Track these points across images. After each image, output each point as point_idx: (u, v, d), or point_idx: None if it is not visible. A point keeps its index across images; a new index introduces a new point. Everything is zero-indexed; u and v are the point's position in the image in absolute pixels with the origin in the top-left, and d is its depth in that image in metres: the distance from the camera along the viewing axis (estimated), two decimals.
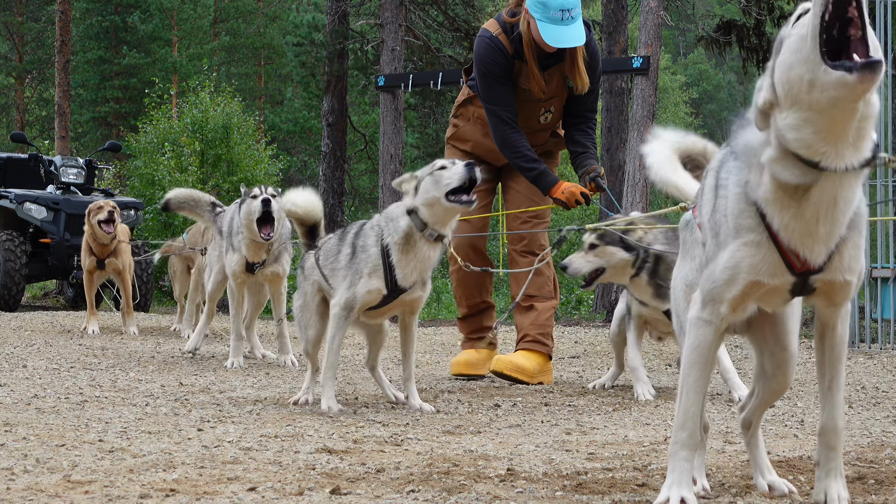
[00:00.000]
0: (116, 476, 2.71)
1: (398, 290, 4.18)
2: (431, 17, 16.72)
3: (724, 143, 2.42)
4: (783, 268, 2.18)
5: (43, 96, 32.60)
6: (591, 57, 5.22)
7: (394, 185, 4.29)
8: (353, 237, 4.27)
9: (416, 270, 4.16)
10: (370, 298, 4.18)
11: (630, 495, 2.56)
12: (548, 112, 5.34)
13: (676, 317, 2.58)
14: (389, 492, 2.57)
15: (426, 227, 4.10)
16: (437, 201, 4.07)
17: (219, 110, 20.08)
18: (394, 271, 4.14)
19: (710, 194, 2.33)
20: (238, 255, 6.06)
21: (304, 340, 4.55)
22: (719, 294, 2.24)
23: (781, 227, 2.14)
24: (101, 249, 8.56)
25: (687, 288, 2.52)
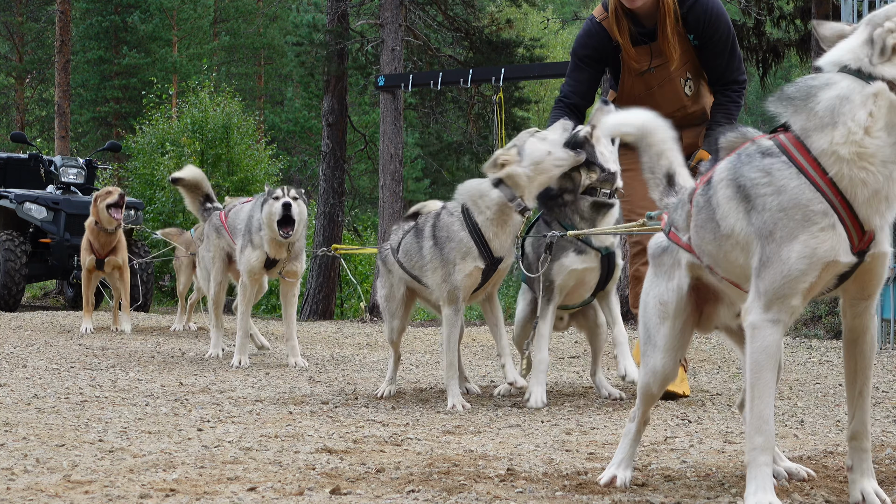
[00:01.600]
0: (116, 476, 2.71)
1: (496, 262, 4.30)
2: (431, 17, 16.72)
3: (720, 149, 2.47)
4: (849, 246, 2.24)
5: (43, 96, 32.59)
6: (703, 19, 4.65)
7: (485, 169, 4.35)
8: (432, 230, 4.37)
9: (510, 238, 4.32)
10: (472, 280, 4.30)
11: (630, 495, 2.56)
12: (688, 80, 4.81)
13: (646, 330, 2.66)
14: (389, 492, 2.57)
15: (515, 198, 4.24)
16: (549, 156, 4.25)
17: (219, 110, 20.08)
18: (488, 244, 4.26)
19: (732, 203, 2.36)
20: (259, 252, 6.10)
21: (390, 329, 4.69)
22: (792, 287, 2.26)
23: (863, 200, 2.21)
24: (102, 246, 8.53)
25: (661, 306, 2.61)
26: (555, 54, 30.66)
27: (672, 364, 2.61)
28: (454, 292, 4.29)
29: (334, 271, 15.36)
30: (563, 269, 4.44)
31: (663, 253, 2.67)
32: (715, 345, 7.99)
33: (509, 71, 12.18)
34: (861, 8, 8.10)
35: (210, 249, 6.71)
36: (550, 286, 4.46)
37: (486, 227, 4.26)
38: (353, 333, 9.24)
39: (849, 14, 8.03)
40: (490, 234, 4.26)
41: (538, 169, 4.26)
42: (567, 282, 4.47)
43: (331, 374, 5.77)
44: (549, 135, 4.32)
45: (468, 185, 4.36)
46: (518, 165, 4.25)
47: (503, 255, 4.33)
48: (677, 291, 2.59)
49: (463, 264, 4.26)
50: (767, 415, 2.32)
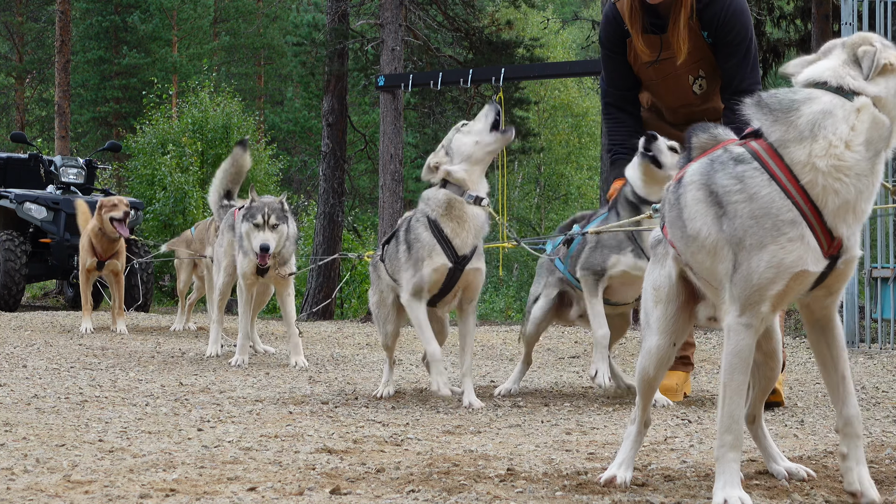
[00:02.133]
0: (116, 476, 2.71)
1: (461, 261, 4.34)
2: (431, 17, 16.71)
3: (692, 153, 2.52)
4: (821, 253, 2.29)
5: (43, 96, 32.59)
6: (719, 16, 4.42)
7: (423, 177, 4.47)
8: (405, 234, 4.46)
9: (471, 234, 4.35)
10: (437, 276, 4.34)
11: (630, 495, 2.56)
12: (698, 79, 4.61)
13: (644, 314, 2.72)
14: (389, 492, 2.57)
15: (463, 193, 4.32)
16: (480, 147, 4.34)
17: (219, 110, 20.09)
18: (451, 242, 4.32)
19: (700, 206, 2.41)
20: (249, 259, 6.17)
21: (383, 335, 4.74)
22: (761, 294, 2.31)
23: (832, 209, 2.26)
24: (105, 251, 8.55)
25: (655, 290, 2.68)
26: (555, 54, 30.67)
27: (667, 346, 2.65)
28: (419, 284, 4.36)
29: (334, 271, 15.36)
30: (619, 263, 4.51)
31: (658, 242, 2.74)
32: (715, 345, 7.99)
33: (509, 71, 12.18)
34: (861, 8, 8.10)
35: (223, 244, 6.70)
36: (602, 272, 4.54)
37: (444, 224, 4.34)
38: (353, 333, 9.24)
39: (849, 14, 8.03)
40: (449, 231, 4.33)
41: (471, 161, 4.36)
42: (617, 276, 4.54)
43: (331, 374, 5.77)
44: (473, 125, 4.41)
45: (424, 193, 4.48)
46: (450, 164, 4.37)
47: (466, 254, 4.36)
48: (668, 279, 2.65)
49: (430, 260, 4.34)
50: (738, 415, 2.39)
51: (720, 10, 4.41)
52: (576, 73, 22.40)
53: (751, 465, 3.00)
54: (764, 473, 2.84)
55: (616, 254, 4.51)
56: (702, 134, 2.57)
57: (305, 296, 15.42)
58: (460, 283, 4.42)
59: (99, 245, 8.56)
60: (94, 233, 8.54)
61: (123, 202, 8.50)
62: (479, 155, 4.37)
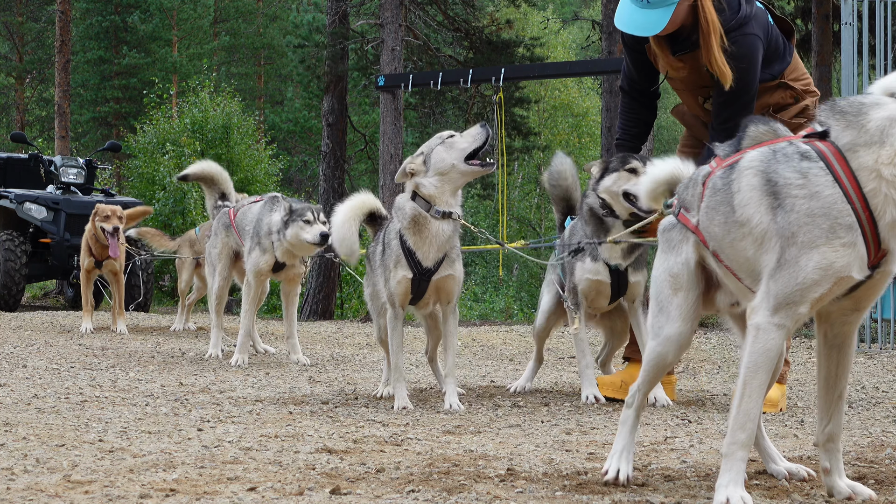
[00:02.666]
0: (116, 476, 2.71)
1: (425, 273, 4.27)
2: (431, 17, 16.71)
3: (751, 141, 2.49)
4: (867, 263, 2.28)
5: (43, 96, 32.58)
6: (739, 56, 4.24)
7: (396, 179, 4.36)
8: (384, 236, 4.43)
9: (434, 248, 4.24)
10: (402, 288, 4.30)
11: (630, 495, 2.56)
12: (707, 100, 4.51)
13: (658, 303, 2.68)
14: (389, 492, 2.57)
15: (430, 207, 4.20)
16: (456, 169, 4.20)
17: (219, 110, 20.08)
18: (414, 255, 4.24)
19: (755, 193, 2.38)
20: (268, 255, 6.14)
21: (377, 328, 4.75)
22: (802, 294, 2.30)
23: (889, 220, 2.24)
24: (102, 251, 8.57)
25: (672, 277, 2.64)
26: (555, 54, 30.67)
27: (689, 332, 2.63)
28: (391, 297, 4.34)
29: (334, 271, 15.35)
30: (583, 273, 4.56)
31: (672, 229, 2.70)
32: (715, 345, 7.99)
33: (509, 71, 12.18)
34: (861, 8, 8.09)
35: (217, 245, 6.71)
36: (574, 289, 4.61)
37: (408, 237, 4.25)
38: (353, 333, 9.24)
39: (849, 14, 8.03)
40: (412, 243, 4.24)
41: (444, 179, 4.22)
42: (588, 289, 4.58)
43: (331, 374, 5.77)
44: (458, 142, 4.22)
45: (396, 200, 4.38)
46: (424, 176, 4.23)
47: (430, 267, 4.27)
48: (685, 265, 2.63)
49: (395, 272, 4.29)
50: (755, 414, 2.38)
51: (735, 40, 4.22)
52: (576, 73, 22.41)
53: (750, 465, 3.00)
54: (763, 473, 2.84)
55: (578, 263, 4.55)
56: (760, 125, 2.54)
57: (306, 296, 15.41)
58: (430, 291, 4.35)
59: (96, 247, 8.57)
60: (91, 235, 8.55)
61: (117, 214, 8.41)
62: (454, 177, 4.22)
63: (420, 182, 4.22)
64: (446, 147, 4.22)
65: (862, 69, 8.43)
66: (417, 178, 4.23)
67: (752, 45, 4.24)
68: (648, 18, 4.16)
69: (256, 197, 6.66)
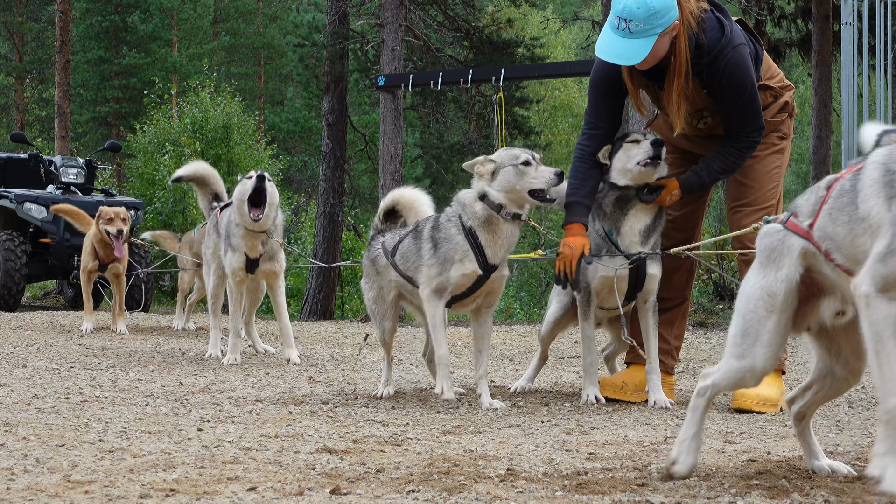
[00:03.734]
0: (116, 476, 2.71)
1: (490, 269, 4.32)
2: (431, 17, 16.71)
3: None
4: None
5: (43, 96, 32.60)
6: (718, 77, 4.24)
7: (465, 167, 4.40)
8: (431, 232, 4.40)
9: (503, 247, 4.32)
10: (465, 280, 4.32)
11: (630, 495, 2.56)
12: (703, 119, 4.50)
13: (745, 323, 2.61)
14: (389, 492, 2.57)
15: (502, 208, 4.27)
16: (518, 194, 4.24)
17: (219, 110, 20.09)
18: (484, 251, 4.28)
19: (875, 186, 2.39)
20: (238, 254, 6.14)
21: (381, 331, 4.71)
22: None
23: None
24: (107, 255, 8.57)
25: (768, 297, 2.58)
26: (555, 54, 30.68)
27: (773, 361, 2.60)
28: (444, 284, 4.32)
29: (335, 271, 15.35)
30: (596, 272, 4.49)
31: (773, 243, 2.65)
32: (715, 345, 7.99)
33: (509, 71, 12.18)
34: (861, 8, 8.09)
35: (210, 246, 6.73)
36: (587, 288, 4.55)
37: (480, 234, 4.30)
38: (353, 333, 9.24)
39: (849, 14, 8.03)
40: (483, 240, 4.29)
41: (506, 196, 4.26)
42: (601, 285, 4.51)
43: (331, 374, 5.77)
44: (529, 173, 4.21)
45: (460, 196, 4.40)
46: (489, 185, 4.28)
47: (497, 263, 4.33)
48: (786, 282, 2.58)
49: (460, 264, 4.30)
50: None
51: (718, 71, 4.23)
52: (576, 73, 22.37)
53: (750, 465, 3.00)
54: (763, 473, 2.84)
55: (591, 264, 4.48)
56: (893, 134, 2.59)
57: (305, 296, 15.42)
58: (484, 288, 4.39)
59: (101, 250, 8.57)
60: (96, 238, 8.55)
61: (121, 216, 8.40)
62: (514, 198, 4.26)
63: (487, 190, 4.27)
64: (517, 171, 4.24)
65: (862, 69, 8.43)
66: (484, 184, 4.29)
67: (744, 54, 4.27)
68: (630, 48, 4.12)
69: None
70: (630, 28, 4.08)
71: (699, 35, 4.20)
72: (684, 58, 4.18)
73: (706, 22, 4.22)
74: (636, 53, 4.12)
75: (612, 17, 4.13)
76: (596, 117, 4.54)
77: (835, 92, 16.29)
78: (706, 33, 4.21)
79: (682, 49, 4.17)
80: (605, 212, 4.51)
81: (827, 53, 14.44)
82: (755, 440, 3.53)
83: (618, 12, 4.09)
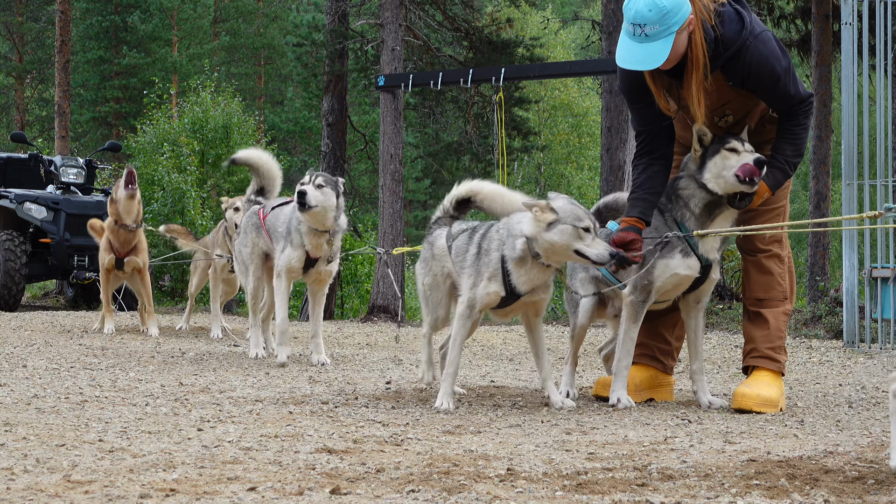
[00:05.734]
0: (116, 476, 2.71)
1: (515, 295, 4.23)
2: (431, 17, 16.71)
3: None
4: None
5: (43, 96, 32.59)
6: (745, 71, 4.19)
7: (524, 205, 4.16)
8: (480, 238, 4.32)
9: (531, 283, 4.20)
10: (489, 301, 4.25)
11: (630, 495, 2.56)
12: (725, 116, 4.42)
13: None
14: (389, 492, 2.57)
15: (538, 256, 4.12)
16: (565, 253, 4.08)
17: (219, 110, 20.10)
18: (510, 278, 4.19)
19: None
20: (300, 251, 6.04)
21: (433, 318, 4.64)
22: None
23: None
24: (122, 244, 8.38)
25: None
26: (555, 54, 30.68)
27: None
28: (472, 301, 4.27)
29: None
30: (667, 270, 4.34)
31: None
32: (715, 345, 7.99)
33: (509, 71, 12.18)
34: (861, 8, 8.09)
35: (247, 245, 6.60)
36: (648, 286, 4.37)
37: (510, 263, 4.18)
38: (353, 333, 9.24)
39: (849, 14, 8.03)
40: (512, 269, 4.18)
41: (552, 251, 4.09)
42: (667, 284, 4.37)
43: (331, 374, 5.77)
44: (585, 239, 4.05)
45: (512, 219, 4.26)
46: (541, 233, 4.06)
47: (523, 292, 4.22)
48: None
49: (488, 284, 4.21)
50: None
51: (743, 65, 4.17)
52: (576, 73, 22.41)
53: (750, 465, 3.00)
54: (763, 473, 2.84)
55: (662, 260, 4.32)
56: None
57: (305, 296, 15.39)
58: (516, 306, 4.30)
59: (116, 240, 8.36)
60: (111, 227, 8.42)
61: (126, 169, 8.39)
62: (559, 256, 4.12)
63: (537, 237, 4.07)
64: (574, 234, 4.05)
65: (862, 69, 8.43)
66: (535, 229, 4.07)
67: (768, 40, 4.21)
68: (649, 52, 4.07)
69: (287, 198, 6.53)
70: (646, 32, 4.04)
71: (717, 28, 4.16)
72: (701, 51, 4.14)
73: (724, 15, 4.18)
74: (656, 56, 4.07)
75: (627, 25, 4.08)
76: (641, 123, 4.46)
77: (835, 92, 16.30)
78: (724, 26, 4.17)
79: (699, 42, 4.12)
80: (692, 211, 4.35)
81: (827, 53, 14.44)
82: (755, 440, 3.52)
83: (631, 19, 4.05)
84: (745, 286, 4.63)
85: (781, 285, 4.56)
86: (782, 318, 4.57)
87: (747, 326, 4.61)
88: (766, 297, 4.55)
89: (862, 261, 8.14)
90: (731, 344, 8.04)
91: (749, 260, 4.58)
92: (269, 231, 6.38)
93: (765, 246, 4.56)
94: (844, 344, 7.95)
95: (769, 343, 4.52)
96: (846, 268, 8.02)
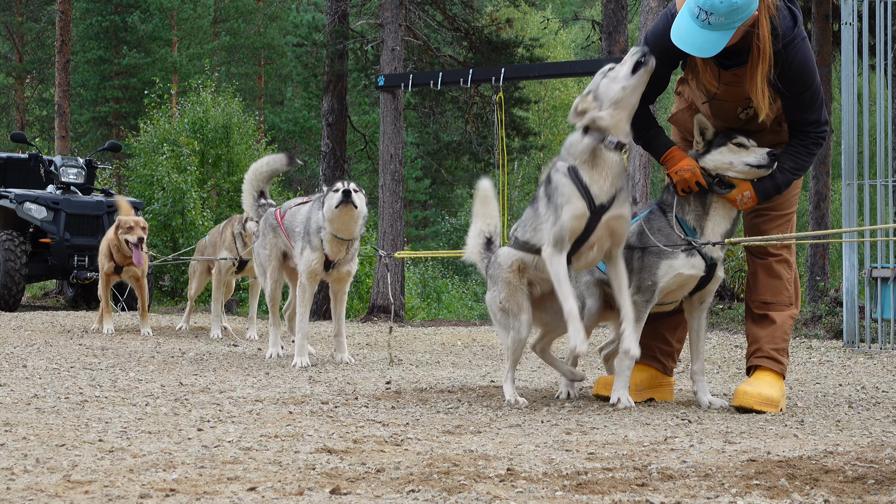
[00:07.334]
0: (116, 476, 2.71)
1: (599, 210, 4.23)
2: (431, 17, 16.71)
3: None
4: None
5: (43, 96, 32.59)
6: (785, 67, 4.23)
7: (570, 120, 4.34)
8: (545, 188, 4.37)
9: (608, 182, 4.24)
10: (576, 223, 4.23)
11: (630, 495, 2.56)
12: (747, 108, 4.44)
13: None
14: (389, 492, 2.57)
15: (605, 137, 4.22)
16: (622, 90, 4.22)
17: (219, 110, 20.10)
18: (589, 190, 4.22)
19: None
20: (318, 253, 6.05)
21: (517, 331, 4.55)
22: None
23: None
24: (123, 259, 8.63)
25: None
26: (555, 54, 30.67)
27: None
28: (560, 233, 4.24)
29: None
30: (670, 270, 4.36)
31: None
32: (715, 345, 7.99)
33: (509, 71, 12.18)
34: (861, 8, 8.10)
35: (266, 247, 6.63)
36: (652, 287, 4.39)
37: (583, 172, 4.24)
38: (353, 333, 9.24)
39: (849, 14, 8.03)
40: (587, 178, 4.23)
41: (618, 106, 4.24)
42: (671, 284, 4.39)
43: (331, 374, 5.77)
44: (619, 70, 4.28)
45: (566, 141, 4.38)
46: (597, 111, 4.25)
47: (604, 202, 4.23)
48: None
49: (569, 206, 4.22)
50: None
51: (789, 60, 4.21)
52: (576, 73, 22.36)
53: (751, 465, 3.00)
54: (763, 473, 2.84)
55: (666, 260, 4.35)
56: None
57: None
58: (598, 231, 4.28)
59: (118, 254, 8.66)
60: (112, 244, 8.62)
61: (140, 225, 8.49)
62: (627, 100, 4.25)
63: (596, 116, 4.24)
64: (610, 79, 4.27)
65: (862, 69, 8.43)
66: (592, 114, 4.25)
67: (811, 49, 4.32)
68: (707, 39, 4.12)
69: (304, 198, 6.57)
70: (710, 20, 4.07)
71: (775, 19, 4.20)
72: (768, 44, 4.17)
73: (780, 10, 4.24)
74: (712, 46, 4.13)
75: (693, 5, 4.10)
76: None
77: (835, 92, 16.30)
78: (780, 20, 4.22)
79: (766, 36, 4.16)
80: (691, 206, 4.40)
81: (827, 53, 14.44)
82: (755, 440, 3.52)
83: (699, 2, 4.07)
84: (752, 288, 4.61)
85: (788, 290, 4.57)
86: (788, 322, 4.57)
87: (752, 327, 4.59)
88: (773, 300, 4.55)
89: (862, 261, 8.15)
90: (731, 344, 8.04)
91: (758, 263, 4.57)
92: (286, 231, 6.42)
93: (776, 250, 4.56)
94: (844, 344, 7.96)
95: (773, 344, 4.52)
96: (846, 268, 8.03)
